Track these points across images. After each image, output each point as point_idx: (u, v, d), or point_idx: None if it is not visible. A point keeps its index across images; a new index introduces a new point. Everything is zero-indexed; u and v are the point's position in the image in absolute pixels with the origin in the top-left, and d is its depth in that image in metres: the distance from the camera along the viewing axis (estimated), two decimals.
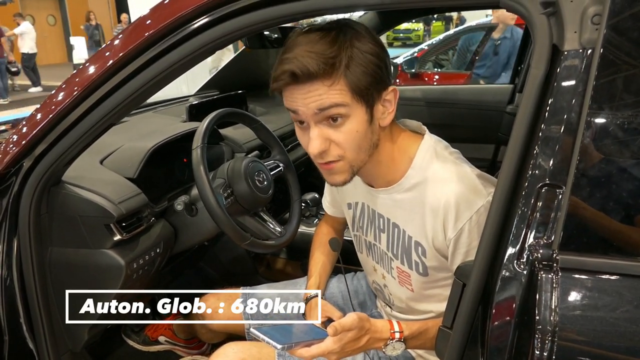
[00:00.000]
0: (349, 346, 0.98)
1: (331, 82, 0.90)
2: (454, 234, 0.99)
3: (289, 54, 0.91)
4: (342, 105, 0.92)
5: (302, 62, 0.88)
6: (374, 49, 0.93)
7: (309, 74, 0.89)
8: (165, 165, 1.60)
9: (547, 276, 0.66)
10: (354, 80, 0.91)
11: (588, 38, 0.67)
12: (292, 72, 0.89)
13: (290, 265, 2.09)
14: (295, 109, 0.94)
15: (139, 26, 1.03)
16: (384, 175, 1.08)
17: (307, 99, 0.91)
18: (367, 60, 0.92)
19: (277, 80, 0.92)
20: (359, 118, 0.94)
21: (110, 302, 1.29)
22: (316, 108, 0.92)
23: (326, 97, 0.91)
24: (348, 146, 0.96)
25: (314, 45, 0.90)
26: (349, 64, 0.90)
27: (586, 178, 0.66)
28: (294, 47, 0.92)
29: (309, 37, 0.92)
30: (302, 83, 0.91)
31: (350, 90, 0.91)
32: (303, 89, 0.91)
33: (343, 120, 0.93)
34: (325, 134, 0.95)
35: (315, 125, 0.94)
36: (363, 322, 0.99)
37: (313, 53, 0.89)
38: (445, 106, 2.91)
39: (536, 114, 0.72)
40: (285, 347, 0.92)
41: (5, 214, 1.19)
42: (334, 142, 0.95)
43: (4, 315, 1.23)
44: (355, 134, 0.95)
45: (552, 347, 0.64)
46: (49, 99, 1.12)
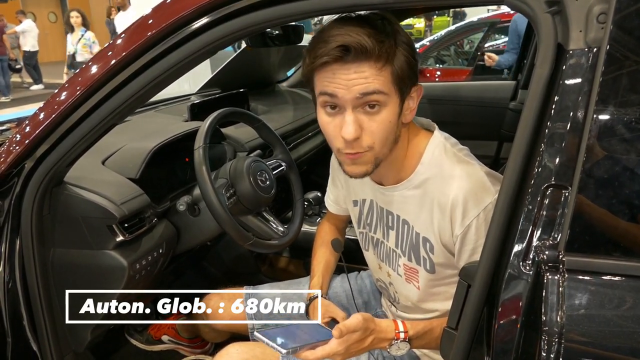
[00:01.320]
0: (353, 347, 0.98)
1: (381, 65, 0.89)
2: (461, 230, 0.99)
3: (335, 32, 0.88)
4: (383, 92, 0.91)
5: (358, 38, 0.86)
6: (410, 42, 0.94)
7: (363, 50, 0.86)
8: (167, 165, 1.60)
9: (553, 277, 0.65)
10: (399, 68, 0.91)
11: (593, 37, 0.66)
12: (347, 46, 0.86)
13: (293, 264, 2.09)
14: (334, 91, 0.91)
15: (141, 26, 1.03)
16: (395, 173, 1.08)
17: (351, 80, 0.89)
18: (407, 51, 0.92)
19: (325, 55, 0.88)
20: (393, 109, 0.94)
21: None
22: (359, 92, 0.89)
23: (372, 81, 0.89)
24: (379, 136, 0.95)
25: (362, 27, 0.88)
26: (396, 52, 0.90)
27: (592, 178, 0.65)
28: (339, 25, 0.89)
29: (354, 21, 0.90)
30: (349, 62, 0.88)
31: (393, 78, 0.91)
32: (349, 69, 0.88)
33: (380, 108, 0.92)
34: (360, 120, 0.93)
35: (352, 110, 0.92)
36: (368, 322, 0.98)
37: (367, 31, 0.87)
38: (448, 103, 2.91)
39: (541, 113, 0.72)
40: (289, 352, 0.92)
41: (8, 215, 1.19)
42: (366, 131, 0.94)
43: (7, 317, 1.23)
44: (388, 124, 0.94)
45: (559, 349, 0.63)
46: (52, 98, 1.12)
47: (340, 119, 0.94)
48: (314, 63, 0.91)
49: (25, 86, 11.68)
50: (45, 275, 1.25)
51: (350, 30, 0.87)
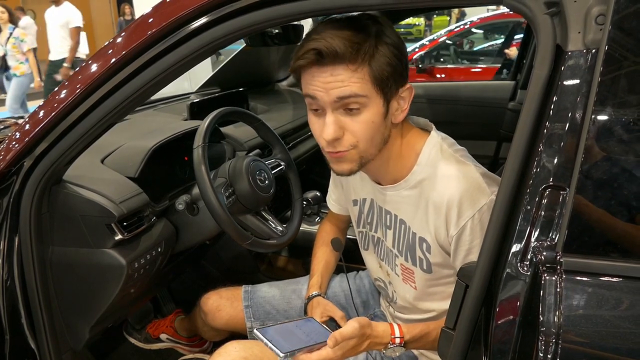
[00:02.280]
0: (349, 352, 0.99)
1: (355, 67, 0.90)
2: (456, 231, 1.00)
3: (315, 35, 0.91)
4: (362, 95, 0.92)
5: (330, 42, 0.88)
6: (397, 43, 0.94)
7: (335, 54, 0.89)
8: (166, 164, 1.60)
9: (551, 278, 0.65)
10: (377, 69, 0.91)
11: (592, 38, 0.66)
12: (319, 50, 0.89)
13: (292, 263, 2.09)
14: (314, 94, 0.94)
15: (141, 24, 1.03)
16: (391, 172, 1.08)
17: (328, 83, 0.91)
18: (390, 52, 0.93)
19: (300, 59, 0.92)
20: (376, 109, 0.95)
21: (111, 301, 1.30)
22: (336, 96, 0.92)
23: (347, 84, 0.91)
24: (362, 136, 0.96)
25: (342, 30, 0.91)
26: (374, 53, 0.91)
27: (590, 179, 0.65)
28: (320, 29, 0.92)
29: (336, 23, 0.93)
30: (325, 65, 0.90)
31: (371, 80, 0.92)
32: (325, 71, 0.91)
33: (360, 109, 0.94)
34: (340, 121, 0.95)
35: (332, 112, 0.94)
36: (364, 329, 1.00)
37: (341, 36, 0.90)
38: (447, 103, 2.91)
39: (540, 114, 0.72)
40: (287, 355, 0.92)
41: (6, 213, 1.19)
42: (348, 131, 0.96)
43: (6, 315, 1.23)
44: (371, 124, 0.95)
45: (557, 349, 0.63)
46: (52, 96, 1.12)
47: (323, 119, 0.96)
48: (294, 65, 0.94)
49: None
50: (43, 273, 1.25)
51: (327, 34, 0.90)
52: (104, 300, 1.30)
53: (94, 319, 1.33)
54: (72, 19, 6.02)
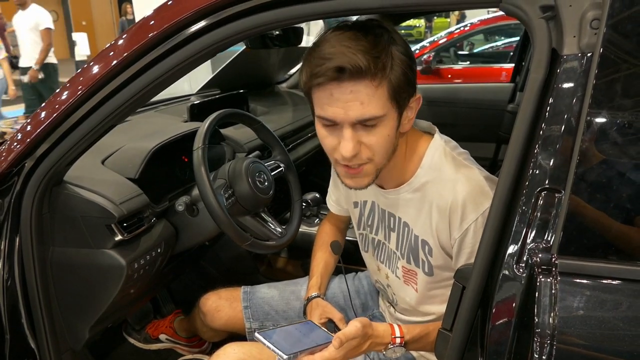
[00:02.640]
0: (351, 352, 1.00)
1: (377, 83, 0.87)
2: (459, 234, 1.00)
3: (330, 49, 0.86)
4: (381, 116, 0.90)
5: (352, 57, 0.84)
6: (407, 51, 0.92)
7: (358, 70, 0.85)
8: (166, 165, 1.60)
9: (546, 280, 0.66)
10: (395, 82, 0.89)
11: (587, 42, 0.67)
12: (341, 67, 0.84)
13: (291, 264, 2.10)
14: (333, 117, 0.91)
15: (142, 26, 1.03)
16: (395, 176, 1.08)
17: (348, 102, 0.88)
18: (403, 62, 0.90)
19: (320, 76, 0.87)
20: (392, 123, 0.94)
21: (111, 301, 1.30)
22: (356, 118, 0.89)
23: (367, 105, 0.88)
24: (378, 150, 0.95)
25: (357, 41, 0.86)
26: (392, 65, 0.88)
27: (585, 182, 0.66)
28: (332, 42, 0.87)
29: (346, 34, 0.88)
30: (345, 81, 0.86)
31: (389, 95, 0.90)
32: (345, 88, 0.87)
33: (378, 123, 0.92)
34: (358, 135, 0.93)
35: (350, 127, 0.92)
36: (366, 329, 1.00)
37: (361, 49, 0.85)
38: (446, 105, 2.92)
39: (535, 117, 0.73)
40: (290, 357, 0.93)
41: (7, 213, 1.19)
42: (364, 145, 0.94)
43: (6, 314, 1.24)
44: (387, 138, 0.94)
45: (551, 351, 0.64)
46: (53, 97, 1.12)
47: (338, 134, 0.94)
48: (311, 82, 0.90)
49: None
50: (44, 273, 1.25)
51: (345, 47, 0.85)
52: (104, 301, 1.31)
53: (93, 319, 1.33)
54: (41, 21, 5.84)
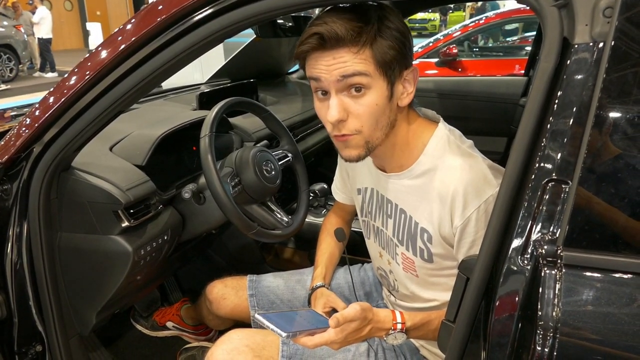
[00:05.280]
0: (351, 336, 0.99)
1: (357, 49, 0.91)
2: (461, 222, 0.99)
3: (318, 20, 0.93)
4: (365, 74, 0.93)
5: (331, 26, 0.90)
6: (401, 27, 0.95)
7: (337, 38, 0.90)
8: (174, 153, 1.61)
9: (551, 272, 0.65)
10: (380, 51, 0.92)
11: (599, 31, 0.65)
12: (320, 34, 0.90)
13: (298, 255, 2.10)
14: (318, 75, 0.95)
15: (151, 11, 1.03)
16: (397, 159, 1.08)
17: (331, 65, 0.93)
18: (393, 36, 0.93)
19: (304, 44, 0.93)
20: (380, 92, 0.95)
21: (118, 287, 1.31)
22: (339, 75, 0.93)
23: (350, 64, 0.92)
24: (366, 119, 0.96)
25: (344, 13, 0.92)
26: (376, 36, 0.92)
27: (593, 173, 0.65)
28: (323, 16, 0.93)
29: (339, 9, 0.94)
30: (328, 49, 0.92)
31: (374, 62, 0.93)
32: (328, 55, 0.92)
33: (364, 91, 0.94)
34: (345, 103, 0.96)
35: (336, 94, 0.95)
36: (366, 312, 0.99)
37: (343, 20, 0.91)
38: (458, 98, 2.89)
39: (545, 107, 0.71)
40: (289, 335, 0.93)
41: (16, 198, 1.20)
42: (352, 114, 0.96)
43: (14, 298, 1.25)
44: (375, 107, 0.96)
45: (554, 343, 0.63)
46: (62, 82, 1.12)
47: (328, 104, 0.97)
48: (299, 49, 0.96)
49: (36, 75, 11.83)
50: (51, 258, 1.27)
51: (328, 18, 0.91)
52: (111, 287, 1.32)
53: (100, 305, 1.35)
54: None
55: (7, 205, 1.21)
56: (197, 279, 2.04)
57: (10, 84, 10.18)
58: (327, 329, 0.98)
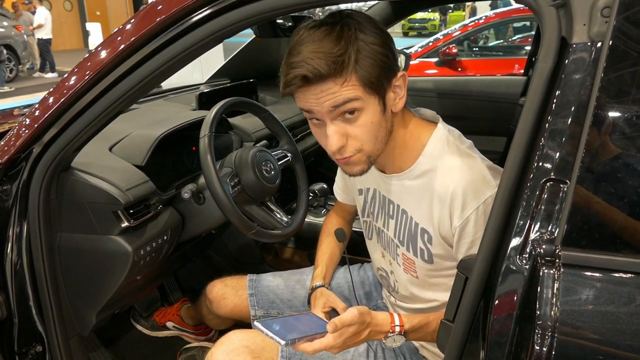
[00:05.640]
0: (350, 340, 0.99)
1: (343, 79, 0.90)
2: (460, 222, 0.99)
3: (297, 57, 0.91)
4: (356, 99, 0.92)
5: (312, 64, 0.88)
6: (379, 39, 0.93)
7: (320, 75, 0.89)
8: (173, 153, 1.61)
9: (549, 271, 0.65)
10: (364, 74, 0.91)
11: (597, 31, 0.65)
12: (303, 75, 0.89)
13: (298, 254, 2.10)
14: (309, 109, 0.95)
15: (150, 11, 1.03)
16: (396, 161, 1.08)
17: (320, 98, 0.92)
18: (374, 52, 0.91)
19: (289, 85, 0.92)
20: (372, 109, 0.95)
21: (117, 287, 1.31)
22: (330, 106, 0.92)
23: (339, 94, 0.91)
24: (365, 138, 0.97)
25: (320, 44, 0.90)
26: (357, 59, 0.90)
27: (592, 173, 0.65)
28: (300, 48, 0.91)
29: (313, 35, 0.91)
30: (314, 84, 0.91)
31: (361, 85, 0.91)
32: (315, 89, 0.91)
33: (358, 113, 0.94)
34: (341, 129, 0.95)
35: (332, 122, 0.95)
36: (364, 316, 1.00)
37: (321, 53, 0.89)
38: (457, 97, 2.89)
39: (543, 107, 0.71)
40: (288, 343, 0.93)
41: (15, 198, 1.20)
42: (350, 137, 0.96)
43: (14, 299, 1.25)
44: (371, 125, 0.95)
45: (552, 342, 0.63)
46: (62, 82, 1.13)
47: (325, 130, 0.97)
48: (285, 90, 0.95)
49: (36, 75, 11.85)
50: (51, 259, 1.27)
51: (306, 55, 0.89)
52: (110, 287, 1.32)
53: (100, 305, 1.35)
54: None
55: (7, 206, 1.21)
56: (197, 279, 2.04)
57: (10, 85, 10.19)
58: (325, 334, 0.98)
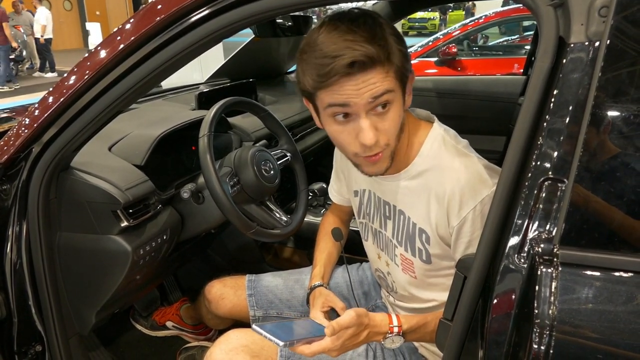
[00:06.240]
0: (348, 342, 0.99)
1: (387, 69, 0.89)
2: (457, 222, 1.00)
3: (332, 45, 0.86)
4: (392, 91, 0.91)
5: (362, 50, 0.85)
6: (397, 32, 0.93)
7: (372, 60, 0.86)
8: (173, 152, 1.61)
9: (547, 270, 0.65)
10: (399, 64, 0.91)
11: (595, 30, 0.65)
12: (353, 61, 0.85)
13: (297, 254, 2.10)
14: (345, 101, 0.90)
15: (149, 11, 1.03)
16: (396, 162, 1.07)
17: (361, 89, 0.88)
18: (400, 44, 0.92)
19: (331, 76, 0.87)
20: (399, 103, 0.95)
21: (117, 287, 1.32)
22: (370, 97, 0.89)
23: (380, 84, 0.89)
24: (392, 132, 0.96)
25: (357, 33, 0.86)
26: (392, 50, 0.90)
27: (589, 172, 0.65)
28: (332, 38, 0.87)
29: (341, 29, 0.87)
30: (355, 74, 0.87)
31: (396, 77, 0.91)
32: (358, 79, 0.87)
33: (389, 107, 0.93)
34: (375, 123, 0.93)
35: (366, 115, 0.91)
36: (361, 318, 1.00)
37: (364, 39, 0.86)
38: (457, 97, 2.89)
39: (541, 106, 0.72)
40: (287, 344, 0.93)
41: (15, 198, 1.20)
42: (380, 131, 0.94)
43: (14, 298, 1.26)
44: (398, 119, 0.95)
45: (550, 341, 0.63)
46: (61, 82, 1.12)
47: (353, 126, 0.93)
48: (321, 83, 0.89)
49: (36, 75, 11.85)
50: (51, 258, 1.27)
51: (350, 41, 0.85)
52: (110, 286, 1.32)
53: (99, 305, 1.35)
54: None
55: (7, 205, 1.21)
56: (197, 279, 2.04)
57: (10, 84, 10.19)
58: (324, 337, 0.98)
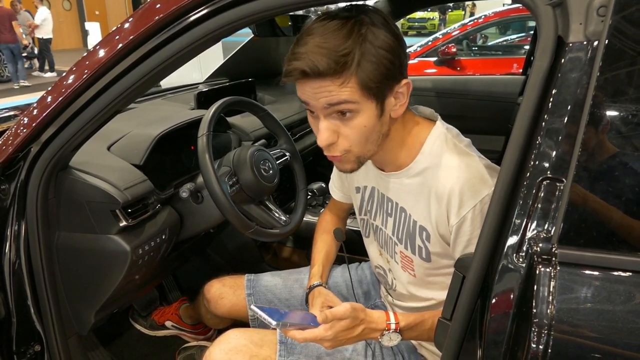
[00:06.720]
0: (342, 335, 0.99)
1: (341, 81, 0.89)
2: (457, 221, 1.00)
3: (302, 47, 0.90)
4: (351, 102, 0.91)
5: (313, 60, 0.87)
6: (389, 42, 0.90)
7: (318, 72, 0.88)
8: (172, 152, 1.61)
9: (546, 269, 0.65)
10: (364, 77, 0.89)
11: (593, 30, 0.65)
12: (302, 70, 0.89)
13: (297, 254, 2.10)
14: (305, 100, 0.95)
15: (148, 10, 1.03)
16: (394, 160, 1.09)
17: (317, 94, 0.92)
18: (379, 56, 0.89)
19: (288, 75, 0.92)
20: (368, 113, 0.94)
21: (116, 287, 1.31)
22: (325, 103, 0.92)
23: (335, 93, 0.90)
24: (355, 140, 0.96)
25: (326, 38, 0.88)
26: (360, 61, 0.88)
27: (588, 172, 0.65)
28: (307, 38, 0.90)
29: (324, 27, 0.90)
30: (311, 79, 0.90)
31: (360, 88, 0.90)
32: (314, 84, 0.91)
33: (352, 115, 0.93)
34: (334, 126, 0.95)
35: (325, 118, 0.95)
36: (357, 312, 1.00)
37: (325, 49, 0.87)
38: (456, 97, 2.89)
39: (539, 106, 0.72)
40: (279, 324, 0.94)
41: (14, 198, 1.20)
42: (341, 135, 0.96)
43: (13, 298, 1.25)
44: (363, 128, 0.95)
45: (548, 340, 0.63)
46: (60, 81, 1.12)
47: (317, 122, 0.97)
48: (285, 78, 0.94)
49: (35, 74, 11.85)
50: (50, 258, 1.27)
51: (310, 48, 0.88)
52: (109, 286, 1.32)
53: (98, 304, 1.35)
54: None
55: (5, 205, 1.21)
56: (196, 278, 2.04)
57: (9, 85, 10.19)
58: (319, 327, 0.98)
